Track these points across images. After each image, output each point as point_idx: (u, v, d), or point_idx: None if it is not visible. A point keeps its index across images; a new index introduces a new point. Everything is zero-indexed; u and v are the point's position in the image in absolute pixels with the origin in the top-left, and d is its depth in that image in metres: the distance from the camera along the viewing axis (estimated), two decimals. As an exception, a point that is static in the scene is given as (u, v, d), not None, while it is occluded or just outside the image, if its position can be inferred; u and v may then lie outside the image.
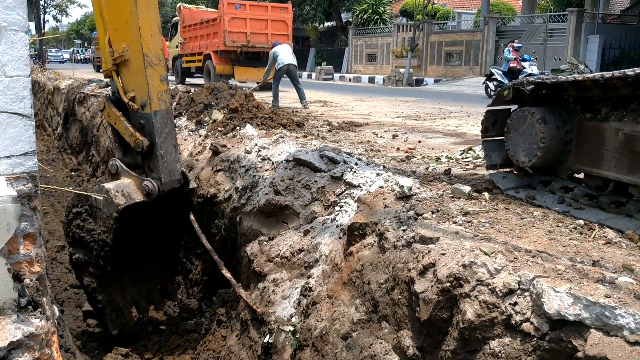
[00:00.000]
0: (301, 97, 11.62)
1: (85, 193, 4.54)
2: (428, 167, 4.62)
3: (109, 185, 4.28)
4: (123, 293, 4.81)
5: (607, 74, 2.94)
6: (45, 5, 50.48)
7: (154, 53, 4.14)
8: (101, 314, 4.71)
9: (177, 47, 19.77)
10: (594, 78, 3.02)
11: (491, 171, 3.89)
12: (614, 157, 3.07)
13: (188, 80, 19.91)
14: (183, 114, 7.86)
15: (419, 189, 3.59)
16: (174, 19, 21.48)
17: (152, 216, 4.55)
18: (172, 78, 21.69)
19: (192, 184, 4.66)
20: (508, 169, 3.86)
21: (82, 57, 54.64)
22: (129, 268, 4.80)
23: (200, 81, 18.36)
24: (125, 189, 4.25)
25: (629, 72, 2.80)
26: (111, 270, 4.60)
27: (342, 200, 3.96)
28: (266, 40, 16.07)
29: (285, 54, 11.76)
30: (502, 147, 3.77)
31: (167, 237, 4.96)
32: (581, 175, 3.44)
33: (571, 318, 2.02)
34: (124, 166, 4.36)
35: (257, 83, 14.30)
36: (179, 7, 19.80)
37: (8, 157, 2.13)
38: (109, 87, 4.45)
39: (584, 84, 3.17)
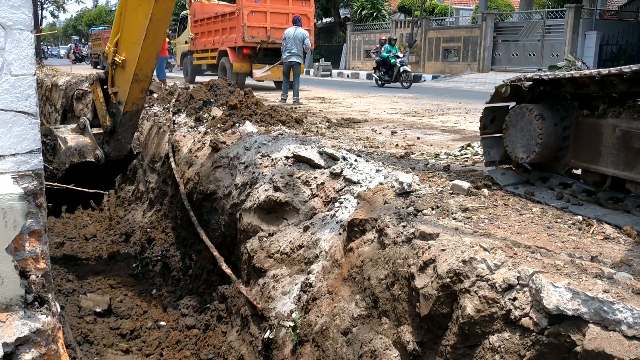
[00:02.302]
0: (294, 92, 11.68)
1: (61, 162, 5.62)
2: (427, 164, 4.64)
3: (71, 144, 5.58)
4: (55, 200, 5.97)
5: (604, 71, 2.95)
6: (43, 0, 50.26)
7: (144, 73, 5.13)
8: None
9: (186, 42, 18.58)
10: (591, 75, 3.03)
11: (490, 167, 3.91)
12: (611, 153, 3.09)
13: (199, 79, 17.97)
14: (182, 110, 7.86)
15: (418, 185, 3.60)
16: (183, 12, 20.20)
17: (97, 167, 5.79)
18: (181, 75, 20.70)
19: (138, 149, 6.16)
20: (507, 165, 3.87)
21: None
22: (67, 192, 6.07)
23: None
24: (82, 148, 5.59)
25: (625, 68, 2.81)
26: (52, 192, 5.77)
27: (342, 197, 3.98)
28: None
29: (290, 48, 11.76)
30: (500, 144, 3.79)
31: (103, 178, 6.39)
32: (579, 171, 3.46)
33: (570, 313, 2.05)
34: (89, 127, 5.64)
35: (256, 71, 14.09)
36: None
37: (14, 155, 2.14)
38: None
39: (581, 81, 3.18)
